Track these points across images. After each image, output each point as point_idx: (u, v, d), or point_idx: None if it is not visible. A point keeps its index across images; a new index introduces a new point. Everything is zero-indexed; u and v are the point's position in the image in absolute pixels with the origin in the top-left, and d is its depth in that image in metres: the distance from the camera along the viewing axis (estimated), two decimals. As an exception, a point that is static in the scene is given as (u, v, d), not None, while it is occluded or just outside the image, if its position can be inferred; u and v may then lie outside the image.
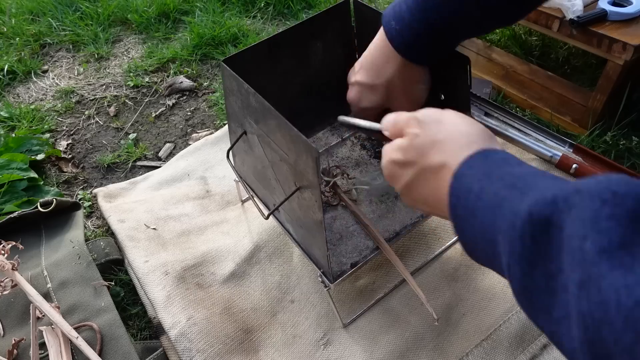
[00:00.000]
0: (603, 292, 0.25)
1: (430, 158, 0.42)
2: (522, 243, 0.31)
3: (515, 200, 0.33)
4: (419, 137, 0.44)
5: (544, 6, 1.01)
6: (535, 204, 0.31)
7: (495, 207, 0.34)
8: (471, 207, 0.36)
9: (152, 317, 0.83)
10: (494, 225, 0.34)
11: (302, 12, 1.60)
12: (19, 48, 1.53)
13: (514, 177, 0.36)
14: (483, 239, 0.36)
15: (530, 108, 1.15)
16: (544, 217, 0.30)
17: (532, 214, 0.31)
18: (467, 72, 0.68)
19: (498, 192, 0.35)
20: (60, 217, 0.98)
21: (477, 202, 0.36)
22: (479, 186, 0.36)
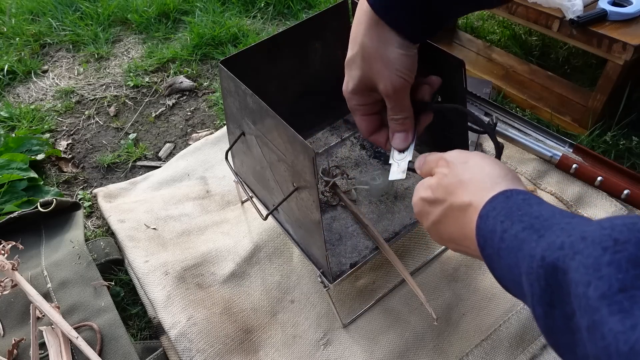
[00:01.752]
0: (605, 338, 0.27)
1: (458, 197, 0.44)
2: (539, 285, 0.33)
3: (532, 243, 0.35)
4: (447, 177, 0.46)
5: (544, 6, 1.00)
6: (547, 249, 0.33)
7: (517, 249, 0.36)
8: (496, 248, 0.38)
9: (152, 317, 0.83)
10: (517, 266, 0.36)
11: (302, 12, 1.60)
12: (19, 48, 1.53)
13: (532, 217, 0.37)
14: (511, 278, 0.37)
15: (530, 108, 1.15)
16: (552, 261, 0.32)
17: (544, 257, 0.33)
18: (462, 74, 0.68)
19: (518, 234, 0.37)
20: (60, 217, 0.98)
21: (500, 243, 0.37)
22: (502, 228, 0.38)
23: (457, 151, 0.49)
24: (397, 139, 0.62)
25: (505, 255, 0.37)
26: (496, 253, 0.38)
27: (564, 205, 0.92)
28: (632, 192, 0.88)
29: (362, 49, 0.56)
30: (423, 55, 0.76)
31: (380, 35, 0.55)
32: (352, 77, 0.59)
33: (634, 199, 0.88)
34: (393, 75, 0.56)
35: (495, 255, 0.38)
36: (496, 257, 0.38)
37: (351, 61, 0.58)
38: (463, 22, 1.47)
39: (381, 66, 0.56)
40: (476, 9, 0.70)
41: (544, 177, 0.97)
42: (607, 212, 0.89)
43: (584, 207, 0.91)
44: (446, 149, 0.84)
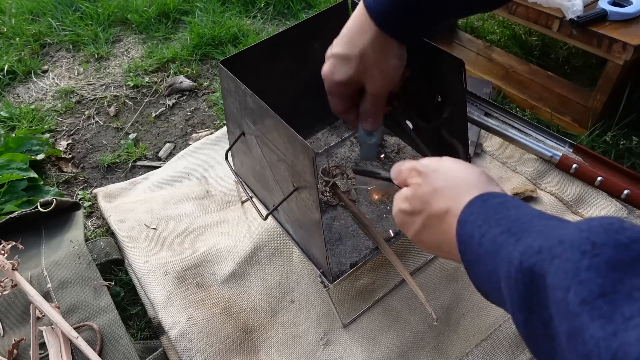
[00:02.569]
0: (586, 344, 0.26)
1: (434, 205, 0.45)
2: (518, 291, 0.32)
3: (509, 247, 0.34)
4: (421, 187, 0.47)
5: (544, 6, 1.00)
6: (524, 253, 0.32)
7: (495, 254, 0.35)
8: (475, 253, 0.38)
9: (152, 317, 0.83)
10: (496, 272, 0.35)
11: (302, 12, 1.60)
12: (19, 48, 1.53)
13: (510, 221, 0.37)
14: (489, 284, 0.37)
15: (530, 108, 1.15)
16: (530, 266, 0.31)
17: (522, 262, 0.32)
18: (462, 74, 0.68)
19: (495, 238, 0.36)
20: (60, 217, 0.98)
21: (479, 248, 0.37)
22: (479, 232, 0.38)
23: (428, 159, 0.50)
24: (369, 123, 0.67)
25: (483, 260, 0.37)
26: (475, 259, 0.38)
27: (564, 205, 0.92)
28: (632, 192, 0.88)
29: (362, 55, 0.59)
30: (423, 56, 0.76)
31: (383, 47, 0.59)
32: (342, 71, 0.62)
33: (634, 199, 0.88)
34: (385, 82, 0.61)
35: (474, 261, 0.38)
36: (475, 262, 0.38)
37: (345, 58, 0.61)
38: (463, 22, 1.47)
39: (377, 73, 0.61)
40: (474, 14, 0.75)
41: (544, 177, 0.97)
42: (607, 212, 0.89)
43: (584, 207, 0.91)
44: (446, 149, 0.84)
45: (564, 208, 0.92)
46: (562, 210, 0.92)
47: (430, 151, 0.89)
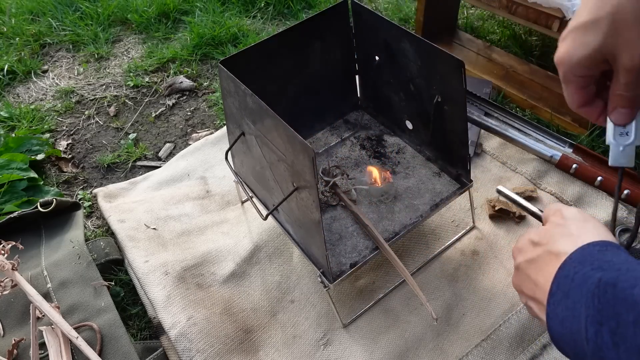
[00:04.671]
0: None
1: (557, 244, 0.46)
2: (594, 305, 0.36)
3: (597, 274, 0.38)
4: (558, 227, 0.49)
5: (544, 6, 1.00)
6: (605, 274, 0.37)
7: (582, 284, 0.38)
8: (567, 289, 0.40)
9: (152, 317, 0.83)
10: (580, 302, 0.38)
11: (302, 12, 1.60)
12: (19, 48, 1.53)
13: (603, 261, 0.39)
14: (572, 317, 0.38)
15: (530, 108, 1.15)
16: (607, 280, 0.35)
17: (601, 279, 0.36)
18: (462, 74, 0.68)
19: (586, 272, 0.39)
20: (60, 217, 0.98)
21: (570, 284, 0.40)
22: (574, 271, 0.40)
23: (578, 210, 0.51)
24: (619, 114, 0.53)
25: (572, 293, 0.39)
26: (565, 294, 0.40)
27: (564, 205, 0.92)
28: (632, 192, 0.88)
29: (616, 14, 0.46)
30: (423, 56, 0.76)
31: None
32: (586, 44, 0.49)
33: (634, 199, 0.88)
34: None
35: (563, 297, 0.40)
36: (564, 298, 0.40)
37: (590, 25, 0.48)
38: (463, 22, 1.47)
39: (636, 35, 0.46)
40: None
41: (544, 177, 0.97)
42: (607, 212, 0.89)
43: (584, 207, 0.91)
44: (446, 148, 0.84)
45: (564, 208, 0.92)
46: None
47: (430, 151, 0.90)
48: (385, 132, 0.96)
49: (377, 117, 0.99)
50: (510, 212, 0.91)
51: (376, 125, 0.98)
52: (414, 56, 0.78)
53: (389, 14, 1.55)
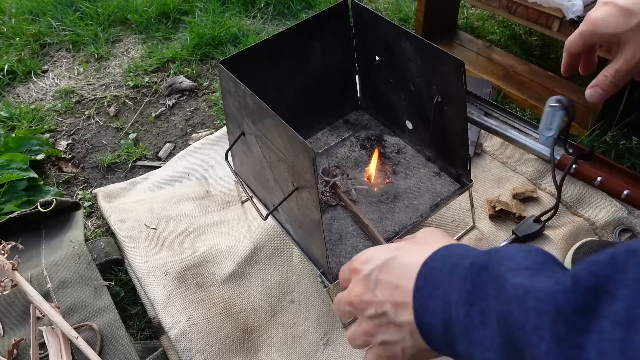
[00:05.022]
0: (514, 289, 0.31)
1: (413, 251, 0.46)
2: (465, 288, 0.35)
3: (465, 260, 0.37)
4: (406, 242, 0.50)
5: (544, 6, 1.00)
6: (476, 257, 0.36)
7: (452, 271, 0.37)
8: (435, 280, 0.39)
9: (152, 317, 0.83)
10: (451, 289, 0.37)
11: (302, 12, 1.60)
12: (19, 48, 1.53)
13: (469, 251, 0.40)
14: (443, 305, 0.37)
15: (530, 108, 1.15)
16: (479, 264, 0.35)
17: (473, 263, 0.36)
18: (462, 75, 0.68)
19: (456, 261, 0.38)
20: (60, 217, 0.98)
21: (440, 274, 0.39)
22: (442, 262, 0.40)
23: None
24: (595, 92, 0.62)
25: (443, 284, 0.38)
26: (435, 285, 0.39)
27: (564, 205, 0.92)
28: (632, 192, 0.88)
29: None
30: (423, 56, 0.76)
31: None
32: (613, 24, 0.56)
33: (634, 199, 0.88)
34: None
35: (433, 289, 0.39)
36: (434, 290, 0.39)
37: (626, 12, 0.55)
38: (463, 22, 1.47)
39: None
40: None
41: (544, 177, 0.97)
42: (607, 212, 0.89)
43: (584, 208, 0.91)
44: (446, 148, 0.84)
45: (564, 209, 0.92)
46: (562, 211, 0.91)
47: (430, 151, 0.90)
48: (385, 132, 0.96)
49: (377, 117, 0.99)
50: (510, 212, 0.91)
51: (376, 125, 0.98)
52: (414, 56, 0.78)
53: (389, 14, 1.55)
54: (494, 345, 0.31)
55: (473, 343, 0.33)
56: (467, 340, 0.34)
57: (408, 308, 0.40)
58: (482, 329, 0.32)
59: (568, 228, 0.87)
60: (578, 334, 0.25)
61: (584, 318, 0.25)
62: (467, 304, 0.34)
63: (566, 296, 0.26)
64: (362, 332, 0.47)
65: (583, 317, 0.26)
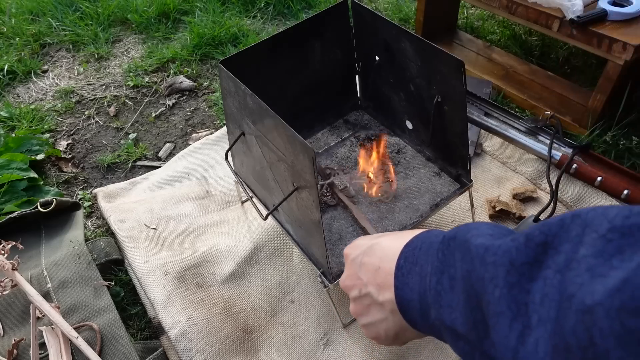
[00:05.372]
0: (476, 248, 0.35)
1: (391, 237, 0.49)
2: (437, 258, 0.38)
3: (439, 236, 0.40)
4: None
5: (544, 6, 1.01)
6: (448, 232, 0.39)
7: (429, 247, 0.40)
8: (414, 258, 0.41)
9: (152, 317, 0.83)
10: (427, 262, 0.39)
11: (302, 12, 1.60)
12: (19, 48, 1.53)
13: (444, 231, 0.42)
14: (420, 279, 0.40)
15: (530, 108, 1.15)
16: (450, 235, 0.38)
17: (445, 236, 0.38)
18: (462, 75, 0.68)
19: (432, 240, 0.41)
20: (60, 217, 0.98)
21: (419, 252, 0.41)
22: (421, 242, 0.42)
23: None
24: None
25: (420, 260, 0.40)
26: (414, 263, 0.41)
27: (564, 205, 0.92)
28: (632, 192, 0.88)
29: None
30: (423, 56, 0.76)
31: None
32: None
33: (634, 199, 0.88)
34: None
35: (413, 265, 0.41)
36: (413, 266, 0.41)
37: None
38: (463, 22, 1.47)
39: None
40: None
41: (543, 177, 0.97)
42: (607, 212, 0.89)
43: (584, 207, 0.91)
44: (446, 148, 0.84)
45: (564, 209, 0.92)
46: (562, 211, 0.92)
47: (430, 151, 0.90)
48: (385, 132, 0.96)
49: (377, 117, 0.99)
50: (510, 212, 0.91)
51: (376, 125, 0.98)
52: (414, 56, 0.78)
53: (389, 14, 1.55)
54: (459, 305, 0.34)
55: (443, 306, 0.36)
56: (438, 305, 0.36)
57: (389, 287, 0.43)
58: (451, 292, 0.35)
59: (568, 228, 0.87)
60: (526, 281, 0.29)
61: (532, 268, 0.29)
62: (438, 272, 0.37)
63: (519, 250, 0.30)
64: (352, 312, 0.51)
65: (531, 268, 0.29)
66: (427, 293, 0.38)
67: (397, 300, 0.42)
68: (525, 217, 0.90)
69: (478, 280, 0.32)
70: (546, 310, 0.27)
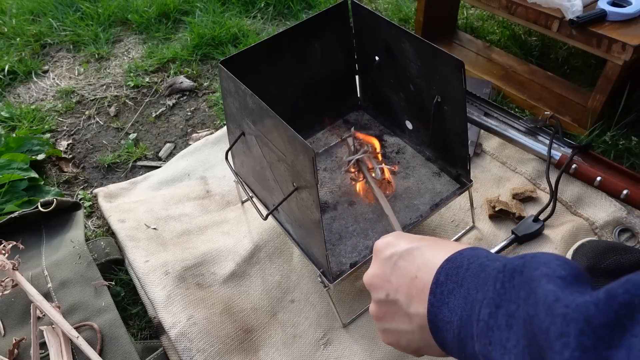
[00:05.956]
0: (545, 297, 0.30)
1: (437, 245, 0.46)
2: (494, 289, 0.34)
3: (496, 263, 0.37)
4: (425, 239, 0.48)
5: (543, 6, 1.01)
6: (509, 261, 0.35)
7: (480, 271, 0.37)
8: (461, 277, 0.38)
9: (152, 316, 0.83)
10: (476, 288, 0.36)
11: (302, 12, 1.60)
12: (20, 48, 1.53)
13: (497, 256, 0.39)
14: (465, 303, 0.36)
15: (530, 108, 1.15)
16: (513, 267, 0.34)
17: (506, 265, 0.35)
18: (462, 75, 0.68)
19: (482, 262, 0.38)
20: (60, 217, 0.98)
21: (465, 273, 0.38)
22: (468, 262, 0.39)
23: None
24: None
25: (467, 282, 0.37)
26: (458, 283, 0.38)
27: (563, 205, 0.93)
28: (631, 192, 0.88)
29: None
30: (423, 56, 0.77)
31: None
32: None
33: (633, 199, 0.89)
34: None
35: (456, 286, 0.38)
36: (457, 287, 0.38)
37: None
38: (463, 22, 1.47)
39: None
40: None
41: (543, 177, 0.97)
42: (606, 212, 0.89)
43: (584, 208, 0.91)
44: (446, 148, 0.84)
45: (564, 209, 0.92)
46: (562, 211, 0.92)
47: (430, 151, 0.90)
48: (385, 132, 0.97)
49: (377, 117, 0.99)
50: (510, 212, 0.91)
51: (376, 126, 0.98)
52: (414, 56, 0.78)
53: (389, 14, 1.55)
54: (517, 350, 0.30)
55: (494, 343, 0.32)
56: (486, 340, 0.33)
57: (423, 301, 0.40)
58: (507, 331, 0.32)
59: (567, 228, 0.87)
60: (605, 347, 0.25)
61: (613, 333, 0.25)
62: (493, 304, 0.33)
63: (598, 308, 0.26)
64: (371, 312, 0.47)
65: (612, 332, 0.25)
66: (472, 322, 0.35)
67: (429, 318, 0.39)
68: (525, 217, 0.90)
69: (541, 331, 0.28)
70: None
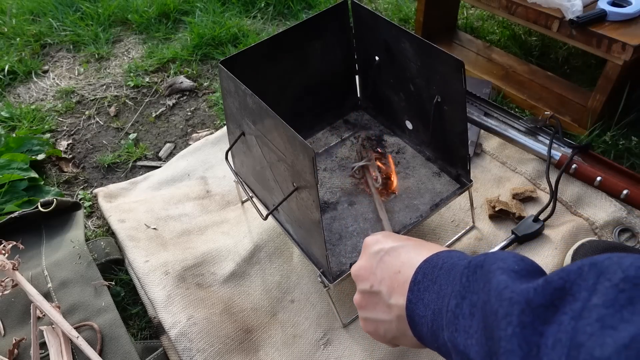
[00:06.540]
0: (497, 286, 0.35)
1: (420, 245, 0.50)
2: (460, 282, 0.38)
3: (464, 261, 0.41)
4: None
5: (543, 6, 1.01)
6: (474, 258, 0.39)
7: (451, 269, 0.41)
8: (434, 276, 0.42)
9: (152, 316, 0.83)
10: (448, 283, 0.40)
11: (302, 12, 1.60)
12: (20, 48, 1.53)
13: (469, 256, 0.43)
14: (437, 297, 0.40)
15: (530, 108, 1.15)
16: (476, 263, 0.38)
17: (470, 261, 0.39)
18: (462, 75, 0.68)
19: (455, 262, 0.42)
20: (60, 217, 0.98)
21: (439, 271, 0.42)
22: (442, 261, 0.43)
23: None
24: None
25: (440, 279, 0.41)
26: (433, 281, 0.42)
27: (563, 205, 0.93)
28: (631, 192, 0.88)
29: None
30: (423, 56, 0.77)
31: None
32: None
33: (633, 199, 0.89)
34: None
35: (431, 284, 0.42)
36: (432, 284, 0.42)
37: None
38: (463, 22, 1.47)
39: None
40: None
41: (543, 177, 0.97)
42: (606, 212, 0.89)
43: (584, 207, 0.91)
44: (446, 148, 0.84)
45: (564, 208, 0.92)
46: (562, 211, 0.92)
47: (430, 151, 0.90)
48: (385, 132, 0.97)
49: (377, 117, 0.99)
50: (510, 212, 0.91)
51: (376, 125, 0.98)
52: (414, 56, 0.78)
53: (389, 14, 1.55)
54: (477, 333, 0.34)
55: (459, 330, 0.36)
56: (453, 327, 0.37)
57: (403, 294, 0.44)
58: (470, 319, 0.36)
59: (567, 228, 0.87)
60: (540, 323, 0.29)
61: (548, 312, 0.29)
62: (459, 296, 0.37)
63: (537, 292, 0.30)
64: (355, 301, 0.52)
65: (547, 311, 0.29)
66: (442, 314, 0.39)
67: (407, 313, 0.43)
68: (525, 217, 0.90)
69: (492, 314, 0.32)
70: (557, 355, 0.27)
